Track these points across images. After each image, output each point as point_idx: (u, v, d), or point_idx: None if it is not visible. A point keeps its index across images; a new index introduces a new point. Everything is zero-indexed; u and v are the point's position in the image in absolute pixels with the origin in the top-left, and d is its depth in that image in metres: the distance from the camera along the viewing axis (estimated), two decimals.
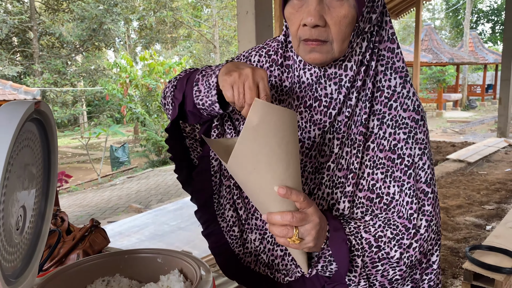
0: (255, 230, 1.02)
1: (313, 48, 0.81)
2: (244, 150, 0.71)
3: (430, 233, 0.88)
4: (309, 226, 0.79)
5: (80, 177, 11.70)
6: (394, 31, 0.88)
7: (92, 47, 20.59)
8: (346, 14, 0.78)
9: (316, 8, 0.78)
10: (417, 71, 9.73)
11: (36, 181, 0.77)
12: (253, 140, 0.70)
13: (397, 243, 0.86)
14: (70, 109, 18.44)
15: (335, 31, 0.79)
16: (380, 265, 0.87)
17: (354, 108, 0.89)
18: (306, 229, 0.79)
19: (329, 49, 0.81)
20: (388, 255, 0.86)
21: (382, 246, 0.85)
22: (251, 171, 0.73)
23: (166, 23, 22.38)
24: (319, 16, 0.78)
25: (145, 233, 4.61)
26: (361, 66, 0.86)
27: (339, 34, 0.79)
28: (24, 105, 0.63)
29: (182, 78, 0.98)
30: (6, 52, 18.89)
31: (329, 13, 0.79)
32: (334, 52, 0.82)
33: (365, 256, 0.86)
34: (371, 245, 0.85)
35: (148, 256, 0.87)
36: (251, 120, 0.69)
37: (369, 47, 0.86)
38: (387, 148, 0.88)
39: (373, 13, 0.82)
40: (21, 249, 0.71)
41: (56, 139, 0.81)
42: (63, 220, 1.50)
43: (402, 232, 0.86)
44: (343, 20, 0.78)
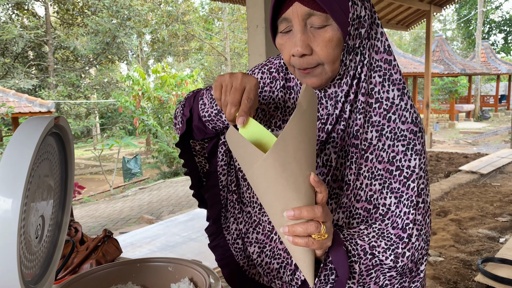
0: (255, 243, 1.05)
1: (307, 74, 0.86)
2: (290, 137, 0.68)
3: (421, 242, 0.89)
4: (329, 223, 0.78)
5: (93, 188, 11.81)
6: (389, 43, 0.90)
7: (105, 60, 20.92)
8: (330, 37, 0.81)
9: (301, 39, 0.82)
10: (428, 82, 9.69)
11: (54, 192, 0.81)
12: (300, 126, 0.69)
13: (393, 252, 0.87)
14: (84, 121, 18.70)
15: (323, 55, 0.82)
16: (374, 272, 0.88)
17: (348, 121, 0.91)
18: (328, 226, 0.77)
19: (322, 71, 0.85)
20: (381, 262, 0.87)
21: (376, 255, 0.87)
22: (291, 161, 0.70)
23: (178, 36, 22.68)
24: (304, 46, 0.82)
25: (157, 244, 4.64)
26: (353, 80, 0.88)
27: (328, 57, 0.82)
28: (45, 120, 0.67)
29: (190, 97, 1.03)
30: (22, 65, 19.29)
31: (315, 40, 0.82)
32: (327, 72, 0.85)
33: (360, 263, 0.86)
34: (366, 252, 0.86)
35: (160, 265, 0.90)
36: (301, 105, 0.68)
37: (361, 60, 0.88)
38: (385, 160, 0.89)
39: (361, 28, 0.85)
40: (39, 257, 0.75)
41: (73, 152, 0.85)
42: (77, 230, 1.53)
43: (396, 243, 0.88)
44: (329, 44, 0.81)
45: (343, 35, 0.81)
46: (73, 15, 20.25)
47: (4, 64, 18.35)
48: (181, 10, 21.54)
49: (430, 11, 9.07)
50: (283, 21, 0.84)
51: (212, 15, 23.87)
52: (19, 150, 0.62)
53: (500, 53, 32.82)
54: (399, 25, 9.66)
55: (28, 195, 0.65)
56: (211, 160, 1.10)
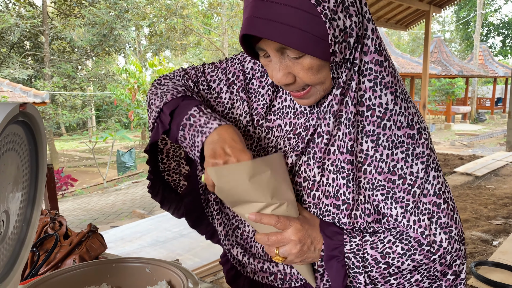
0: (236, 245, 1.00)
1: (299, 97, 0.82)
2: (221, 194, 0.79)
3: (454, 244, 0.85)
4: (288, 247, 0.82)
5: (86, 181, 11.75)
6: (382, 41, 0.83)
7: (102, 52, 20.77)
8: (309, 66, 0.75)
9: (280, 68, 0.77)
10: (425, 82, 9.67)
11: (22, 185, 0.75)
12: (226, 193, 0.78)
13: (409, 258, 0.84)
14: (79, 113, 18.57)
15: (307, 80, 0.77)
16: (393, 279, 0.85)
17: (336, 133, 0.85)
18: (285, 250, 0.83)
19: (314, 91, 0.80)
20: (399, 269, 0.84)
21: (390, 262, 0.84)
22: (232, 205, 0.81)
23: (176, 30, 22.56)
24: (285, 76, 0.78)
25: (147, 239, 4.59)
26: (338, 89, 0.82)
27: (313, 81, 0.78)
28: (8, 106, 0.61)
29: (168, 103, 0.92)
30: (18, 55, 19.12)
31: (295, 68, 0.77)
32: (320, 91, 0.81)
33: (373, 272, 0.84)
34: (378, 261, 0.84)
35: (137, 266, 0.85)
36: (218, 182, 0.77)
37: (347, 67, 0.80)
38: (385, 170, 0.83)
39: (350, 37, 0.77)
40: (2, 256, 0.69)
41: (45, 143, 0.79)
42: (61, 224, 1.49)
43: (415, 248, 0.83)
44: (310, 71, 0.76)
45: (325, 59, 0.74)
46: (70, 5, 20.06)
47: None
48: (180, 4, 21.41)
49: (429, 12, 9.03)
50: (259, 49, 0.79)
51: (211, 10, 23.76)
52: None
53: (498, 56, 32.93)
54: (398, 24, 9.61)
55: None
56: (191, 164, 1.04)
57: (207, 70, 1.03)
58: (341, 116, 0.83)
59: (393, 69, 0.84)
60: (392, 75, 0.83)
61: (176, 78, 1.02)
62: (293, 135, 0.89)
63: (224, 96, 0.98)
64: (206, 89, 1.01)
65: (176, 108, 0.90)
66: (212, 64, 1.03)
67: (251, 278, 1.02)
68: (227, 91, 0.98)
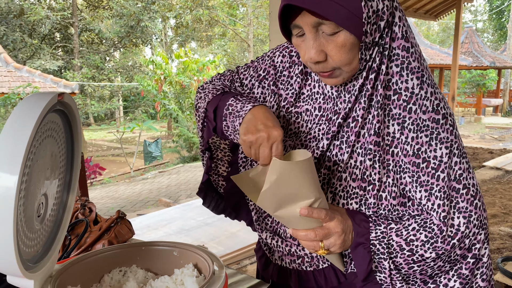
0: (265, 230, 1.05)
1: (326, 77, 0.84)
2: (267, 199, 0.81)
3: (472, 228, 0.87)
4: (332, 239, 0.85)
5: (114, 170, 12.01)
6: (409, 28, 0.86)
7: (129, 43, 21.08)
8: (343, 43, 0.78)
9: (313, 46, 0.80)
10: (455, 74, 9.43)
11: (59, 171, 0.80)
12: (274, 191, 0.79)
13: (431, 246, 0.86)
14: (107, 103, 18.94)
15: (337, 60, 0.80)
16: (416, 266, 0.88)
17: (366, 116, 0.88)
18: (330, 242, 0.85)
19: (340, 73, 0.83)
20: (422, 257, 0.86)
21: (414, 250, 0.86)
22: (275, 209, 0.83)
23: (202, 21, 22.63)
24: (318, 53, 0.80)
25: (173, 227, 4.69)
26: (370, 72, 0.85)
27: (342, 61, 0.80)
28: (47, 96, 0.65)
29: (210, 102, 0.99)
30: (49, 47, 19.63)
31: (328, 45, 0.79)
32: (346, 72, 0.83)
33: (397, 258, 0.87)
34: (403, 248, 0.87)
35: (165, 249, 0.88)
36: (270, 177, 0.78)
37: (379, 51, 0.84)
38: (410, 153, 0.86)
39: (380, 21, 0.81)
40: (41, 236, 0.74)
41: (80, 131, 0.83)
42: (91, 210, 1.54)
43: (437, 236, 0.86)
44: (342, 49, 0.79)
45: (358, 36, 0.78)
46: None
47: (31, 45, 18.70)
48: None
49: (460, 1, 8.77)
50: (295, 27, 0.82)
51: (236, 1, 23.71)
52: (18, 125, 0.60)
53: None
54: (427, 14, 9.38)
55: (28, 172, 0.63)
56: (234, 152, 1.11)
57: (240, 70, 1.09)
58: (372, 99, 0.86)
59: (419, 55, 0.86)
60: (418, 61, 0.86)
61: (215, 81, 1.10)
62: (324, 120, 0.93)
63: (256, 91, 1.03)
64: (239, 86, 1.07)
65: (218, 104, 0.96)
66: (245, 64, 1.10)
67: (279, 265, 1.06)
68: (258, 86, 1.03)
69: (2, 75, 10.67)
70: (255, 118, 0.85)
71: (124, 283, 0.82)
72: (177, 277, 0.81)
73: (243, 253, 3.86)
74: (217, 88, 1.02)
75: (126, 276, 0.85)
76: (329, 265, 0.97)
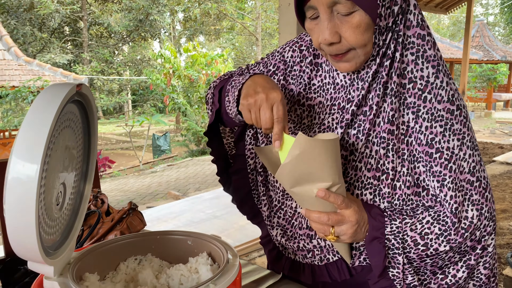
0: (277, 226, 1.06)
1: (339, 59, 0.83)
2: (286, 173, 0.79)
3: (483, 220, 0.87)
4: (345, 226, 0.84)
5: (123, 163, 12.10)
6: (423, 17, 0.85)
7: (138, 37, 21.13)
8: (358, 23, 0.78)
9: (328, 27, 0.79)
10: (465, 68, 9.34)
11: (76, 160, 0.81)
12: (294, 167, 0.78)
13: (445, 239, 0.86)
14: (116, 97, 19.03)
15: (352, 41, 0.79)
16: (429, 259, 0.88)
17: (382, 104, 0.87)
18: (342, 229, 0.84)
19: (354, 55, 0.82)
20: (436, 251, 0.87)
21: (429, 244, 0.86)
22: (292, 185, 0.82)
23: (210, 15, 22.61)
24: (332, 34, 0.79)
25: (182, 219, 4.72)
26: (384, 58, 0.84)
27: (358, 42, 0.80)
28: (67, 87, 0.66)
29: (217, 85, 1.02)
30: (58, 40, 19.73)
31: (342, 26, 0.79)
32: (360, 56, 0.82)
33: (411, 253, 0.87)
34: (417, 243, 0.86)
35: (179, 238, 0.90)
36: (293, 151, 0.77)
37: (394, 37, 0.83)
38: (424, 143, 0.86)
39: (394, 5, 0.80)
40: (60, 224, 0.75)
41: (96, 122, 0.84)
42: (103, 202, 1.56)
43: (450, 228, 0.86)
44: (357, 30, 0.78)
45: (373, 18, 0.78)
46: None
47: (41, 39, 18.82)
48: None
49: None
50: (309, 8, 0.82)
51: None
52: (39, 114, 0.61)
53: None
54: (437, 8, 9.27)
55: (48, 161, 0.65)
56: (238, 144, 1.11)
57: (250, 66, 1.10)
58: (387, 87, 0.86)
59: (435, 43, 0.86)
60: (434, 49, 0.85)
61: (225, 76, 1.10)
62: (337, 109, 0.92)
63: None
64: None
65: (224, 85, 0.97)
66: (255, 61, 1.10)
67: (292, 259, 1.06)
68: None
69: (13, 69, 10.77)
70: (254, 83, 0.85)
71: (139, 271, 0.84)
72: (191, 265, 0.83)
73: (251, 246, 3.89)
74: (225, 75, 1.04)
75: (141, 264, 0.87)
76: (340, 258, 0.98)
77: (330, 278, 0.99)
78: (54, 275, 0.70)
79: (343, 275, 0.98)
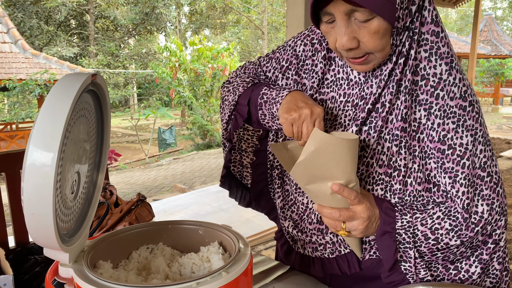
0: (289, 219, 1.07)
1: (357, 63, 0.83)
2: (301, 170, 0.81)
3: (495, 215, 0.88)
4: (356, 222, 0.85)
5: (129, 157, 12.15)
6: (437, 13, 0.84)
7: (144, 31, 21.13)
8: (377, 29, 0.77)
9: (346, 32, 0.78)
10: (473, 63, 9.27)
11: (90, 149, 0.82)
12: (310, 164, 0.79)
13: (456, 234, 0.86)
14: (122, 90, 19.08)
15: (370, 46, 0.79)
16: (440, 253, 0.89)
17: (395, 101, 0.87)
18: (353, 225, 0.85)
19: (372, 58, 0.82)
20: (447, 245, 0.87)
21: (440, 238, 0.87)
22: (306, 182, 0.83)
23: (216, 8, 22.54)
24: (350, 40, 0.79)
25: (188, 212, 4.75)
26: (399, 57, 0.84)
27: (376, 47, 0.79)
28: (82, 76, 0.67)
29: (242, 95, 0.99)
30: (65, 34, 19.77)
31: (360, 32, 0.78)
32: (378, 58, 0.82)
33: (422, 247, 0.88)
34: (428, 237, 0.87)
35: (190, 228, 0.91)
36: (308, 148, 0.78)
37: (409, 35, 0.83)
38: (436, 139, 0.86)
39: (412, 5, 0.80)
40: (74, 212, 0.77)
41: (109, 112, 0.85)
42: (112, 193, 1.58)
43: (461, 224, 0.86)
44: (375, 35, 0.78)
45: (391, 22, 0.77)
46: None
47: (47, 32, 18.87)
48: None
49: None
50: (325, 14, 0.81)
51: None
52: (56, 103, 0.62)
53: None
54: (446, 2, 9.18)
55: (64, 149, 0.66)
56: (263, 140, 1.12)
57: (262, 63, 1.09)
58: (401, 85, 0.86)
59: (449, 40, 0.85)
60: (447, 46, 0.85)
61: (241, 75, 1.10)
62: (350, 106, 0.92)
63: (280, 83, 1.04)
64: (264, 79, 1.07)
65: (251, 96, 0.97)
66: (267, 55, 1.10)
67: (301, 253, 1.08)
68: (282, 78, 1.03)
69: (20, 62, 10.82)
70: (294, 99, 0.86)
71: (151, 259, 0.85)
72: (203, 254, 0.83)
73: (257, 239, 3.90)
74: (247, 81, 1.02)
75: (153, 253, 0.88)
76: (350, 251, 0.98)
77: (340, 270, 1.00)
78: (69, 262, 0.71)
79: (353, 268, 0.98)
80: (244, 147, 1.15)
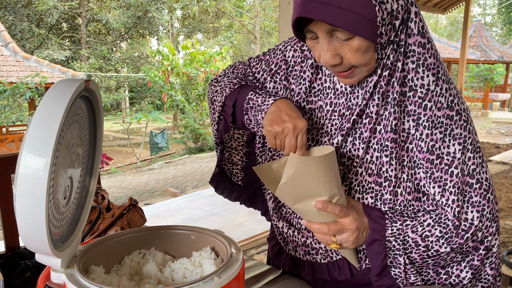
0: (281, 219, 1.07)
1: (343, 76, 0.84)
2: (285, 192, 0.83)
3: (485, 222, 0.88)
4: (345, 235, 0.87)
5: (120, 160, 12.08)
6: (424, 24, 0.85)
7: (136, 34, 21.08)
8: (358, 47, 0.78)
9: (328, 50, 0.80)
10: (462, 68, 9.36)
11: (83, 154, 0.82)
12: (292, 186, 0.82)
13: (446, 241, 0.87)
14: (114, 94, 19.01)
15: (354, 61, 0.80)
16: (431, 260, 0.90)
17: (382, 112, 0.88)
18: (343, 238, 0.87)
19: (358, 72, 0.83)
20: (437, 252, 0.88)
21: (430, 245, 0.87)
22: (292, 202, 0.86)
23: (209, 12, 22.56)
24: (333, 57, 0.80)
25: (180, 216, 4.73)
26: (383, 68, 0.85)
27: (359, 62, 0.80)
28: (76, 82, 0.68)
29: (228, 96, 1.00)
30: (56, 37, 19.65)
31: (342, 49, 0.79)
32: (364, 72, 0.83)
33: (412, 253, 0.88)
34: (418, 244, 0.88)
35: (183, 233, 0.91)
36: (287, 172, 0.80)
37: (393, 48, 0.83)
38: (424, 150, 0.87)
39: (395, 20, 0.80)
40: (67, 217, 0.77)
41: (102, 117, 0.85)
42: (104, 198, 1.57)
43: (451, 231, 0.87)
44: (357, 52, 0.78)
45: (373, 40, 0.78)
46: None
47: (39, 35, 18.75)
48: None
49: None
50: (308, 31, 0.82)
51: None
52: (50, 109, 0.62)
53: None
54: (436, 8, 9.28)
55: (57, 155, 0.66)
56: (251, 143, 1.13)
57: (252, 63, 1.10)
58: (388, 96, 0.86)
59: (435, 51, 0.86)
60: (434, 57, 0.85)
61: (229, 74, 1.10)
62: (337, 116, 0.93)
63: (268, 85, 1.04)
64: (252, 79, 1.07)
65: (237, 98, 0.97)
66: (257, 57, 1.10)
67: (292, 255, 1.08)
68: (270, 80, 1.04)
69: (11, 65, 10.74)
70: (279, 110, 0.86)
71: (144, 264, 0.85)
72: (195, 259, 0.84)
73: (249, 243, 3.90)
74: (234, 82, 1.02)
75: (145, 258, 0.88)
76: (343, 257, 0.99)
77: (329, 276, 1.01)
78: (61, 267, 0.72)
79: (344, 274, 0.99)
80: (234, 146, 1.15)
